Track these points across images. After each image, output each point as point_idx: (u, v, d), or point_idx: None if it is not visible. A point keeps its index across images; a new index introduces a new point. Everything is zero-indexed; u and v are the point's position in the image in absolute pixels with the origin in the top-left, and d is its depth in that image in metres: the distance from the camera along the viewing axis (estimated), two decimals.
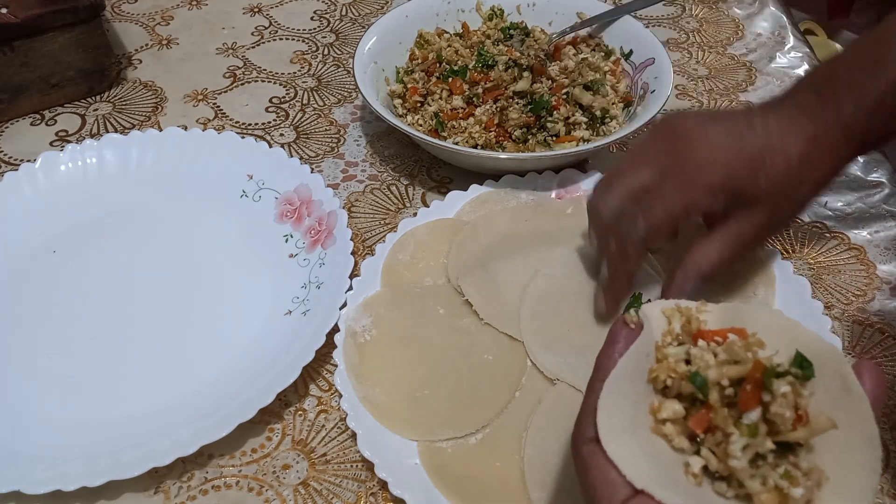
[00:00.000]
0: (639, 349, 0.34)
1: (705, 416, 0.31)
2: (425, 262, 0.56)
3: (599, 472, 0.31)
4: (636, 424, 0.32)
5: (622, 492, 0.30)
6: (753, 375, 0.31)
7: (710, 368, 0.32)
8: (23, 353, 0.53)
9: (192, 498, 0.46)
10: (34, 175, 0.63)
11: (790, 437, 0.30)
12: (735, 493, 0.30)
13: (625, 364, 0.33)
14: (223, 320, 0.55)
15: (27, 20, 0.66)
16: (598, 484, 0.31)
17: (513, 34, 0.71)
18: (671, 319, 0.35)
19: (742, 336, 0.33)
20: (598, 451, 0.31)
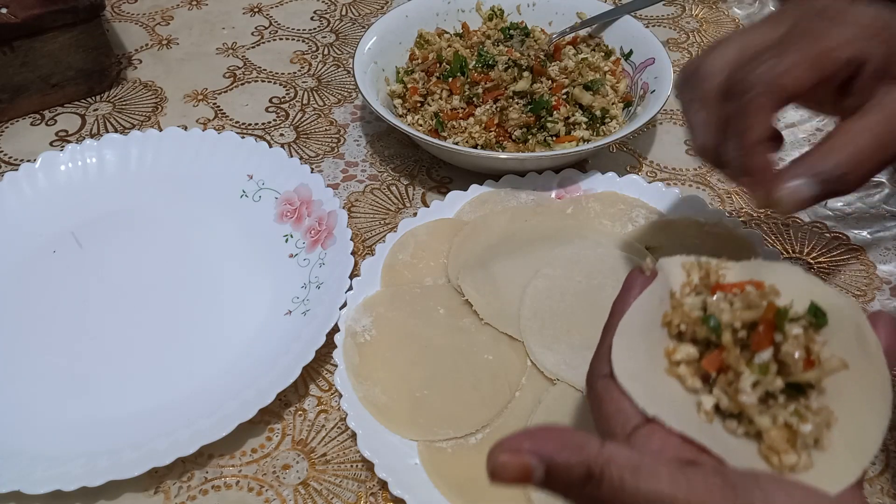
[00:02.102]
0: (653, 294, 0.34)
1: (718, 356, 0.32)
2: (425, 262, 0.56)
3: (613, 403, 0.32)
4: (650, 365, 0.33)
5: (634, 420, 0.31)
6: (766, 317, 0.31)
7: (725, 313, 0.32)
8: (23, 353, 0.53)
9: (192, 498, 0.46)
10: (34, 175, 0.63)
11: (801, 377, 0.31)
12: (745, 430, 0.31)
13: (639, 307, 0.34)
14: (223, 320, 0.55)
15: (27, 20, 0.66)
16: (610, 414, 0.32)
17: (513, 34, 0.71)
18: (690, 272, 0.35)
19: (759, 288, 0.34)
20: (612, 384, 0.32)
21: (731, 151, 0.37)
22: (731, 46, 0.38)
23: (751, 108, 0.36)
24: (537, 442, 0.27)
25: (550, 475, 0.27)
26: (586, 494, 0.27)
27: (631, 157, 0.69)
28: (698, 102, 0.39)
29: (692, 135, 0.40)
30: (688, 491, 0.26)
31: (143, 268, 0.58)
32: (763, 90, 0.36)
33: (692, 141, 0.40)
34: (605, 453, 0.27)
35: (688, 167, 0.68)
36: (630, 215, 0.59)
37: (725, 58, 0.38)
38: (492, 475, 0.28)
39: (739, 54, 0.38)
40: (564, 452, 0.27)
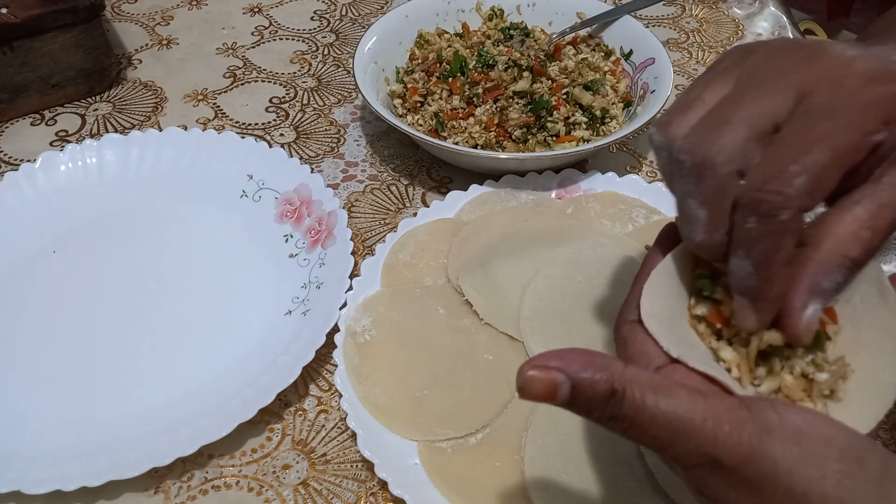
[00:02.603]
0: (685, 249, 0.35)
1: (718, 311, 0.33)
2: (425, 262, 0.56)
3: (638, 345, 0.32)
4: (675, 315, 0.34)
5: (658, 360, 0.31)
6: None
7: None
8: (23, 353, 0.53)
9: (192, 498, 0.46)
10: (34, 175, 0.63)
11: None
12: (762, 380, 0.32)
13: (670, 260, 0.35)
14: (223, 320, 0.55)
15: (27, 20, 0.66)
16: (635, 356, 0.32)
17: (513, 34, 0.71)
18: None
19: None
20: (638, 328, 0.33)
21: (742, 271, 0.31)
22: (737, 126, 0.31)
23: (781, 232, 0.30)
24: (564, 360, 0.28)
25: (575, 392, 0.28)
26: (608, 412, 0.28)
27: (631, 157, 0.69)
28: (700, 199, 0.32)
29: (687, 229, 0.33)
30: (704, 410, 0.27)
31: (143, 268, 0.58)
32: (796, 212, 0.29)
33: (685, 232, 0.34)
34: (629, 373, 0.28)
35: None
36: (630, 215, 0.59)
37: (735, 143, 0.31)
38: (520, 390, 0.28)
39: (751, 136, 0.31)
40: (590, 370, 0.28)
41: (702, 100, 0.33)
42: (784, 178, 0.29)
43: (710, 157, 0.31)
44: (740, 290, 0.32)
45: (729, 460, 0.27)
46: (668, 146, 0.33)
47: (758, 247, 0.30)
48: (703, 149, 0.31)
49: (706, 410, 0.27)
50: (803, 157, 0.29)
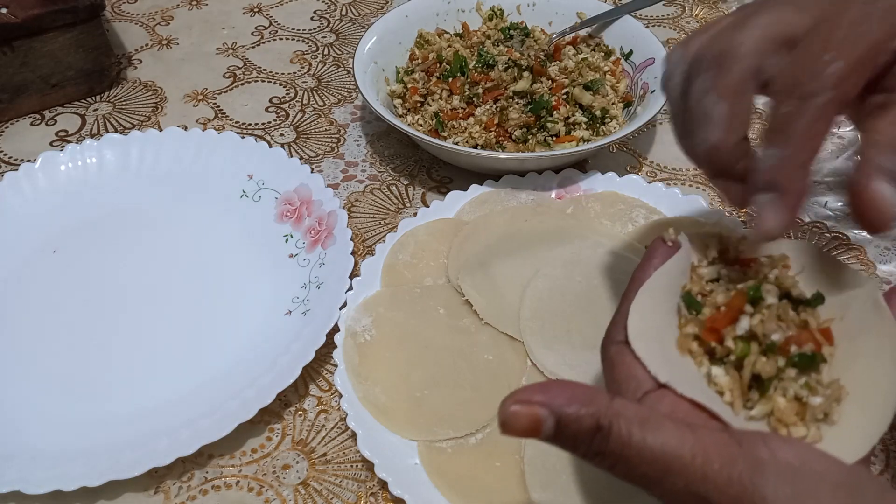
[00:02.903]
0: (674, 266, 0.34)
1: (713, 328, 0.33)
2: (425, 262, 0.56)
3: (625, 368, 0.31)
4: (664, 335, 0.33)
5: (646, 385, 0.31)
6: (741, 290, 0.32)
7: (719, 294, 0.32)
8: (23, 353, 0.53)
9: (192, 498, 0.46)
10: (34, 175, 0.63)
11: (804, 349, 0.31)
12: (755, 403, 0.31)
13: (658, 277, 0.34)
14: (223, 320, 0.55)
15: (27, 20, 0.66)
16: (622, 379, 0.31)
17: (513, 34, 0.71)
18: (709, 245, 0.36)
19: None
20: (626, 350, 0.32)
21: (771, 159, 0.31)
22: (756, 26, 0.32)
23: (818, 115, 0.30)
24: (548, 394, 0.27)
25: (560, 427, 0.27)
26: (594, 448, 0.27)
27: (631, 157, 0.69)
28: (720, 90, 0.32)
29: (702, 130, 0.33)
30: (693, 445, 0.27)
31: (143, 268, 0.58)
32: (832, 96, 0.30)
33: (698, 137, 0.34)
34: (615, 407, 0.27)
35: (688, 167, 0.68)
36: (630, 215, 0.59)
37: (755, 39, 0.32)
38: (502, 426, 0.28)
39: (773, 37, 0.32)
40: (574, 405, 0.27)
41: (719, 22, 0.34)
42: (821, 63, 0.30)
43: (732, 47, 0.32)
44: (765, 183, 0.31)
45: (719, 499, 0.26)
46: (686, 55, 0.34)
47: (794, 127, 0.30)
48: (725, 41, 0.32)
49: (695, 446, 0.26)
50: (837, 47, 0.30)
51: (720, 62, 0.32)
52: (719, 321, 0.32)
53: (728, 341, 0.32)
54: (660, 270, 0.34)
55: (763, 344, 0.31)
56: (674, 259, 0.35)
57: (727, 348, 0.32)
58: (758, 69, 0.32)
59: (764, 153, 0.32)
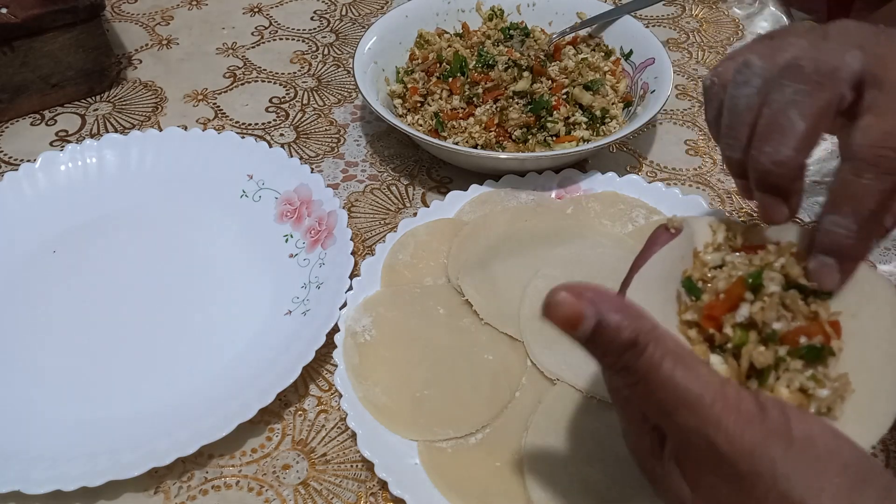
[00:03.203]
0: (673, 250, 0.34)
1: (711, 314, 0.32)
2: (425, 262, 0.56)
3: None
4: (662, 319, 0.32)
5: None
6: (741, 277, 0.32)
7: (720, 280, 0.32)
8: (23, 353, 0.53)
9: (192, 498, 0.46)
10: (34, 175, 0.63)
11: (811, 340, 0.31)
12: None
13: (658, 261, 0.34)
14: (223, 320, 0.55)
15: (27, 20, 0.66)
16: None
17: (513, 34, 0.71)
18: (716, 231, 0.35)
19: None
20: None
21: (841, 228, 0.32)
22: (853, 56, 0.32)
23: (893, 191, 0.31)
24: (599, 295, 0.27)
25: (598, 330, 0.27)
26: (623, 362, 0.27)
27: (631, 157, 0.69)
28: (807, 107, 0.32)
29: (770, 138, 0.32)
30: (716, 393, 0.27)
31: (143, 268, 0.58)
32: None
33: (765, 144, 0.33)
34: (657, 332, 0.27)
35: (688, 167, 0.68)
36: (630, 215, 0.59)
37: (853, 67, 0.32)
38: (546, 307, 0.27)
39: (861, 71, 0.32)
40: (620, 315, 0.27)
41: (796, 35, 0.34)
42: None
43: (834, 68, 0.31)
44: (831, 249, 0.32)
45: (727, 449, 0.27)
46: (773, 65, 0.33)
47: (868, 203, 0.31)
48: (827, 58, 0.32)
49: (718, 394, 0.27)
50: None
51: (819, 80, 0.32)
52: (717, 308, 0.32)
53: (727, 329, 0.31)
54: (656, 256, 0.34)
55: (763, 333, 0.31)
56: (672, 245, 0.34)
57: (726, 336, 0.31)
58: (843, 95, 0.32)
59: (832, 219, 0.32)
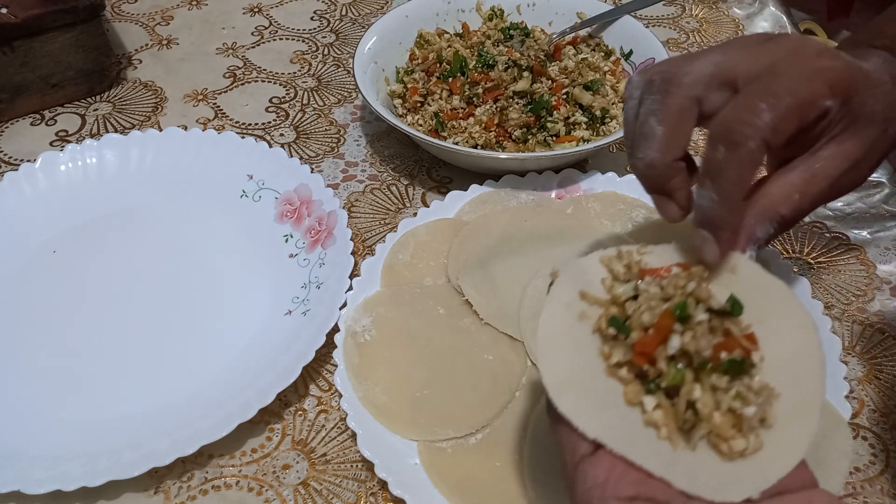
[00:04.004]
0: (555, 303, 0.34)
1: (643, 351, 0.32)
2: (425, 262, 0.56)
3: (562, 429, 0.31)
4: (588, 373, 0.32)
5: (581, 448, 0.30)
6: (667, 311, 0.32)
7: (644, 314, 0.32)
8: (23, 353, 0.53)
9: (192, 498, 0.46)
10: (34, 175, 0.63)
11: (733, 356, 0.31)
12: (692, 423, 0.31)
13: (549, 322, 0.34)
14: (223, 320, 0.55)
15: (27, 20, 0.66)
16: (562, 443, 0.31)
17: (513, 34, 0.71)
18: (611, 265, 0.35)
19: (685, 268, 0.35)
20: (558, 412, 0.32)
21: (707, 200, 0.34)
22: (707, 62, 0.36)
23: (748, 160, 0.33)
24: None
25: None
26: None
27: None
28: (661, 114, 0.36)
29: (639, 145, 0.37)
30: None
31: (143, 268, 0.58)
32: (760, 143, 0.33)
33: (638, 153, 0.37)
34: None
35: None
36: (630, 215, 0.59)
37: (702, 72, 0.36)
38: None
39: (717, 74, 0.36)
40: None
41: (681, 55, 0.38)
42: (754, 112, 0.33)
43: (678, 76, 0.36)
44: (703, 221, 0.35)
45: None
46: (642, 80, 0.38)
47: (726, 173, 0.34)
48: (674, 69, 0.36)
49: None
50: (770, 98, 0.33)
51: (666, 88, 0.36)
52: (649, 344, 0.31)
53: (660, 362, 0.31)
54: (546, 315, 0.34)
55: (696, 361, 0.31)
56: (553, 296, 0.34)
57: (659, 370, 0.31)
58: (698, 99, 0.36)
59: (699, 193, 0.35)
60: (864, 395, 0.51)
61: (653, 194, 0.38)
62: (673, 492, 0.29)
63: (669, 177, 0.37)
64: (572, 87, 0.66)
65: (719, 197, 0.34)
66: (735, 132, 0.33)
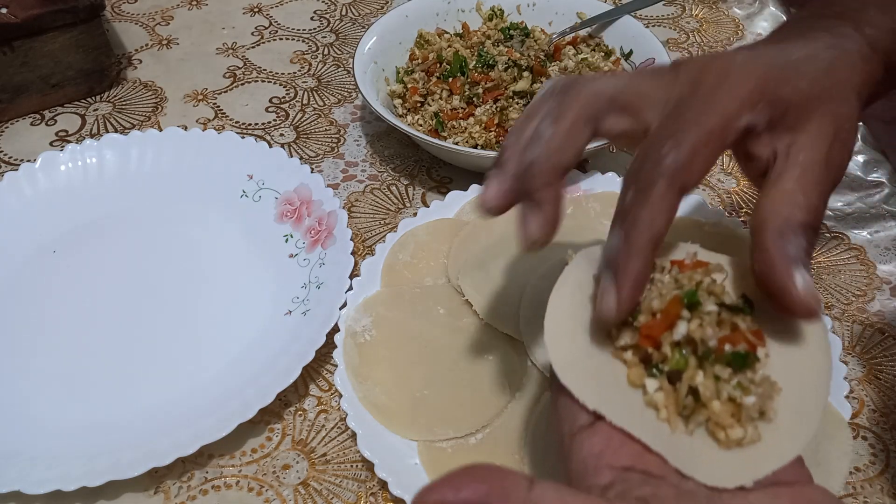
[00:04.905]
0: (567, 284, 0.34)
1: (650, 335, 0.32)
2: (425, 262, 0.56)
3: (563, 401, 0.31)
4: (594, 352, 0.33)
5: (580, 419, 0.30)
6: (677, 297, 0.32)
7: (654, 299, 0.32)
8: (23, 353, 0.53)
9: (192, 498, 0.46)
10: (34, 175, 0.63)
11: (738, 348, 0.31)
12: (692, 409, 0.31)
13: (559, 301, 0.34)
14: (223, 320, 0.55)
15: (27, 20, 0.66)
16: (561, 414, 0.31)
17: (513, 34, 0.71)
18: None
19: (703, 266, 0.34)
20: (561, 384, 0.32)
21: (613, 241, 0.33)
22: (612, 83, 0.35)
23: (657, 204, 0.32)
24: (461, 490, 0.26)
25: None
26: None
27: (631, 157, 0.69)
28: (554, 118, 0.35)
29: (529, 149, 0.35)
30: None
31: (143, 268, 0.58)
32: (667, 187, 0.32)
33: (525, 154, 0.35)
34: (533, 499, 0.26)
35: None
36: None
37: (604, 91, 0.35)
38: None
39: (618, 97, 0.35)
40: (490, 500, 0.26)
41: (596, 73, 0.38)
42: (658, 154, 0.32)
43: (578, 87, 0.35)
44: (606, 263, 0.33)
45: None
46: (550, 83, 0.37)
47: (633, 216, 0.32)
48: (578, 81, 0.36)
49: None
50: (674, 137, 0.32)
51: (563, 98, 0.35)
52: (655, 328, 0.32)
53: (665, 347, 0.31)
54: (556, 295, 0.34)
55: (700, 350, 0.31)
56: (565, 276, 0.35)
57: (663, 354, 0.31)
58: (594, 117, 0.35)
59: (610, 233, 0.34)
60: (864, 395, 0.51)
61: (523, 201, 0.36)
62: (668, 468, 0.29)
63: (546, 182, 0.35)
64: None
65: (625, 239, 0.32)
66: (641, 176, 0.32)
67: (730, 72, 0.33)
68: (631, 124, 0.35)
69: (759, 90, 0.33)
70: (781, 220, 0.32)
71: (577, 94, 0.35)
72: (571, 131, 0.35)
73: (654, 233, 0.32)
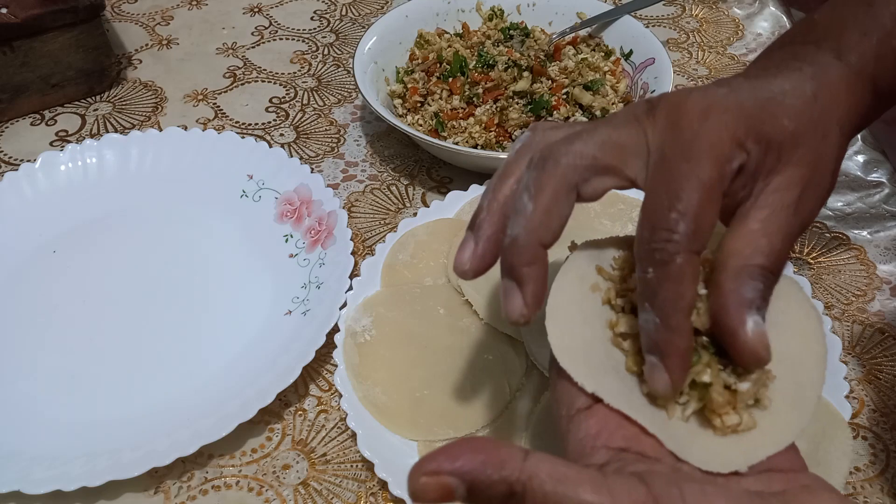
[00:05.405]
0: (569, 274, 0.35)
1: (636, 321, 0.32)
2: (425, 262, 0.56)
3: (561, 384, 0.31)
4: (594, 338, 0.33)
5: (578, 401, 0.30)
6: None
7: None
8: (23, 352, 0.53)
9: (192, 498, 0.46)
10: (34, 175, 0.63)
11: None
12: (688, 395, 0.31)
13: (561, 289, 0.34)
14: (223, 320, 0.55)
15: (27, 20, 0.66)
16: (559, 396, 0.31)
17: (513, 34, 0.72)
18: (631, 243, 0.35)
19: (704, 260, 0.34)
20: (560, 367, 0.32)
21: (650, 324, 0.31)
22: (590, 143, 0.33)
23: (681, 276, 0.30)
24: (457, 460, 0.27)
25: (472, 492, 0.27)
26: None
27: None
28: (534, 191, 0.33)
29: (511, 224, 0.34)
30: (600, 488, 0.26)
31: (143, 268, 0.58)
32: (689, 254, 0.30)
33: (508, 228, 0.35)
34: (528, 468, 0.26)
35: None
36: (630, 215, 0.59)
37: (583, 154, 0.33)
38: (413, 497, 0.27)
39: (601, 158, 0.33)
40: (486, 469, 0.26)
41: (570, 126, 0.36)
42: (669, 226, 0.30)
43: (557, 155, 0.33)
44: (649, 346, 0.31)
45: None
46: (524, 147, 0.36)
47: (661, 294, 0.30)
48: (554, 147, 0.34)
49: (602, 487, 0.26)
50: (677, 198, 0.30)
51: (542, 166, 0.33)
52: None
53: None
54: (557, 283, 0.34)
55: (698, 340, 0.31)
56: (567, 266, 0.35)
57: None
58: (576, 185, 0.33)
59: (643, 317, 0.32)
60: (864, 395, 0.51)
61: (504, 278, 0.35)
62: (663, 451, 0.29)
63: (529, 261, 0.34)
64: (572, 88, 0.66)
65: (661, 319, 0.31)
66: (656, 252, 0.31)
67: (710, 111, 0.32)
68: (615, 183, 0.34)
69: (744, 129, 0.32)
70: (741, 262, 0.31)
71: (555, 164, 0.33)
72: (552, 206, 0.33)
73: (685, 305, 0.31)
